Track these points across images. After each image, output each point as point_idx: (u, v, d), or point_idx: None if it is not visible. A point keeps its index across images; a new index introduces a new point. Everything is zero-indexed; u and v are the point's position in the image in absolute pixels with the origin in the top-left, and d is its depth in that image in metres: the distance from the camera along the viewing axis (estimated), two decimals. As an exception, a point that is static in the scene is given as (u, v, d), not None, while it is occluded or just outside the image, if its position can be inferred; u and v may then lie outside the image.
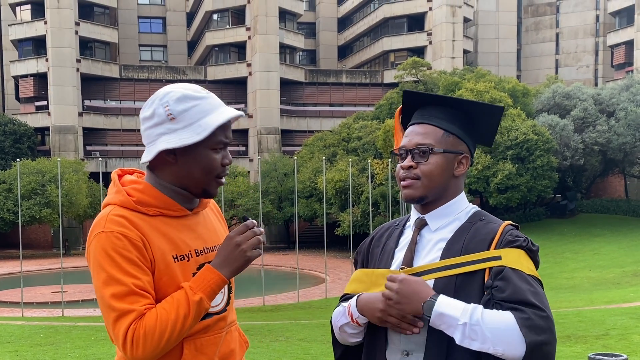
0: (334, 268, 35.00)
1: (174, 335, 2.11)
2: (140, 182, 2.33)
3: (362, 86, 61.49)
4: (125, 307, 2.10)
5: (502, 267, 2.08)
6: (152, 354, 2.11)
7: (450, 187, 2.29)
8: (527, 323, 1.97)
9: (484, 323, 2.00)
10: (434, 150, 2.25)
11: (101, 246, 2.15)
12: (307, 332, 15.35)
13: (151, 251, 2.20)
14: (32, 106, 55.42)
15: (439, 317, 2.06)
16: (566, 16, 66.24)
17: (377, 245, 2.45)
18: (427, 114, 2.33)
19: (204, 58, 62.92)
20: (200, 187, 2.31)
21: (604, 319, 14.77)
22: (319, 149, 47.61)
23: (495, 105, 2.31)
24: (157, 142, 2.25)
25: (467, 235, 2.20)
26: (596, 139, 43.27)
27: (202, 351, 2.29)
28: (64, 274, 24.11)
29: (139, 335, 2.08)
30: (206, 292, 2.17)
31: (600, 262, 32.48)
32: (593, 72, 65.58)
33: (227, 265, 2.21)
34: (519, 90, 46.09)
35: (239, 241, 2.22)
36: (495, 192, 40.15)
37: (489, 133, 2.42)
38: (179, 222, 2.32)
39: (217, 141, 2.26)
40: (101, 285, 2.13)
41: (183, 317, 2.12)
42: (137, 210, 2.23)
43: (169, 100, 2.24)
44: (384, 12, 61.58)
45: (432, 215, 2.29)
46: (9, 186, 43.19)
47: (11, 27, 56.21)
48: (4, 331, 15.97)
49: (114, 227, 2.16)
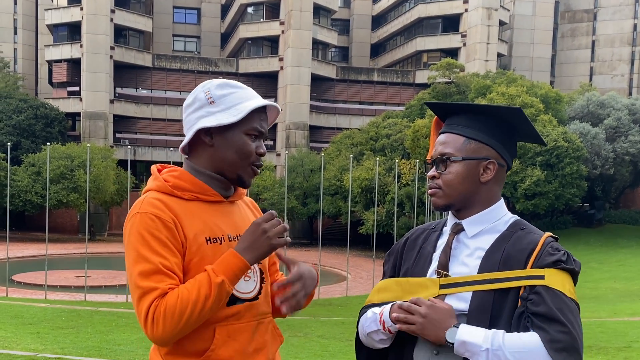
0: (355, 266, 34.96)
1: (194, 316, 2.13)
2: (177, 169, 2.42)
3: (393, 85, 61.31)
4: (150, 285, 2.15)
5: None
6: (172, 333, 2.13)
7: (480, 193, 2.26)
8: (554, 346, 1.95)
9: (506, 347, 1.99)
10: (452, 159, 2.25)
11: (135, 226, 2.22)
12: (326, 329, 15.35)
13: (183, 233, 2.25)
14: (64, 91, 56.03)
15: (462, 345, 2.06)
16: (603, 24, 65.46)
17: (412, 248, 2.43)
18: (451, 122, 2.34)
19: (237, 51, 63.10)
20: (234, 172, 2.37)
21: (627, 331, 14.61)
22: (346, 146, 47.57)
23: (511, 107, 2.27)
24: (196, 124, 2.34)
25: (506, 245, 2.17)
26: (628, 149, 42.78)
27: (234, 337, 2.31)
28: (88, 259, 24.31)
29: (160, 312, 2.12)
30: (228, 276, 2.18)
31: (625, 274, 32.11)
32: (628, 81, 64.76)
33: (252, 251, 2.23)
34: (552, 96, 45.67)
35: (266, 228, 2.24)
36: (522, 198, 39.84)
37: (526, 133, 2.38)
38: (214, 208, 2.38)
39: (252, 127, 2.34)
40: (131, 263, 2.20)
41: (204, 298, 2.13)
42: (173, 194, 2.31)
43: (210, 87, 2.37)
44: (419, 12, 61.31)
45: (469, 221, 2.27)
46: (38, 169, 43.67)
47: (47, 12, 56.84)
48: (26, 313, 16.16)
49: (148, 208, 2.24)
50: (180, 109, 56.51)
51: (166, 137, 56.99)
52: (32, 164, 44.60)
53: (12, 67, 62.60)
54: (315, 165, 46.84)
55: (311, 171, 47.51)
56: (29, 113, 50.12)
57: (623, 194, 51.85)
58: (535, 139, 2.40)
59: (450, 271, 2.22)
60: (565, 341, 1.95)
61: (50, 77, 60.20)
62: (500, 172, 2.29)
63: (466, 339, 2.05)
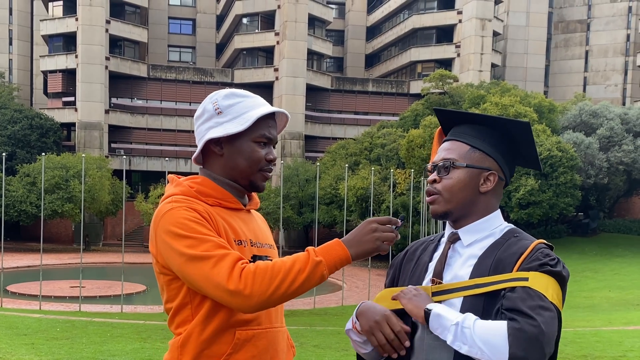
0: (351, 276, 34.93)
1: (285, 285, 2.10)
2: (198, 177, 2.45)
3: (387, 95, 61.43)
4: (224, 251, 2.15)
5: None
6: (259, 299, 2.09)
7: (478, 203, 2.29)
8: (517, 334, 1.96)
9: (475, 327, 2.02)
10: (456, 165, 2.27)
11: (174, 220, 2.21)
12: (321, 338, 15.32)
13: (216, 227, 2.27)
14: (59, 101, 55.96)
15: (437, 318, 2.10)
16: (596, 34, 65.74)
17: (410, 260, 2.46)
18: (457, 131, 2.37)
19: (232, 61, 63.20)
20: (247, 179, 2.43)
21: (622, 340, 14.62)
22: (341, 156, 47.60)
23: (520, 121, 2.29)
24: (206, 135, 2.39)
25: (498, 251, 2.20)
26: (621, 159, 42.91)
27: (253, 343, 2.31)
28: (83, 269, 24.23)
29: (249, 271, 2.10)
30: (328, 261, 2.16)
31: (620, 283, 32.15)
32: (621, 91, 64.99)
33: (356, 246, 2.21)
34: (545, 106, 45.78)
35: (376, 227, 2.22)
36: (516, 207, 39.89)
37: (527, 152, 2.39)
38: (235, 214, 2.42)
39: (259, 134, 2.40)
40: (186, 249, 2.16)
41: (297, 271, 2.11)
42: (197, 199, 2.34)
43: (217, 98, 2.43)
44: (414, 23, 61.46)
45: (465, 230, 2.30)
46: (33, 180, 43.58)
47: (42, 23, 56.84)
48: (21, 323, 16.11)
49: (181, 204, 2.26)
50: (175, 119, 56.46)
51: (161, 147, 56.95)
52: (27, 174, 44.51)
53: (7, 77, 62.53)
54: (310, 175, 46.86)
55: (306, 181, 47.51)
56: (24, 123, 50.06)
57: (617, 203, 51.96)
58: (534, 161, 2.42)
59: (444, 279, 2.25)
60: (530, 333, 1.95)
61: (45, 87, 60.17)
62: (499, 186, 2.32)
63: (441, 312, 2.10)
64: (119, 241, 47.16)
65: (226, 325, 2.26)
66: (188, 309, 2.31)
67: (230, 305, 2.15)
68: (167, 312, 2.39)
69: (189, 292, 2.28)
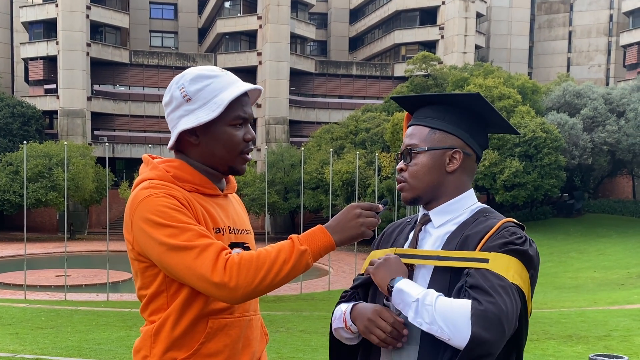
0: (337, 261, 34.99)
1: (270, 276, 2.06)
2: (175, 160, 2.36)
3: (372, 79, 61.35)
4: (207, 241, 2.09)
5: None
6: (245, 291, 2.05)
7: (447, 184, 2.27)
8: (481, 314, 1.93)
9: (437, 305, 2.01)
10: (417, 150, 2.27)
11: (152, 207, 2.14)
12: (308, 323, 15.35)
13: (195, 215, 2.20)
14: (41, 89, 55.51)
15: (399, 293, 2.09)
16: (580, 14, 65.84)
17: (387, 242, 2.46)
18: (417, 115, 2.37)
19: (215, 46, 62.83)
20: (226, 165, 2.35)
21: (607, 320, 14.72)
22: (326, 141, 47.54)
23: (470, 93, 2.26)
24: (178, 125, 2.29)
25: (466, 230, 2.19)
26: (605, 139, 43.11)
27: (226, 332, 2.28)
28: (68, 258, 24.12)
29: (233, 263, 2.05)
30: (312, 249, 2.13)
31: (605, 263, 32.39)
32: (605, 71, 65.21)
33: (340, 232, 2.18)
34: (529, 87, 45.89)
35: (360, 213, 2.19)
36: (501, 189, 40.03)
37: (492, 121, 2.36)
38: (213, 200, 2.35)
39: (234, 116, 2.30)
40: (166, 239, 2.09)
41: (283, 261, 2.07)
42: (174, 184, 2.25)
43: (184, 83, 2.29)
44: (397, 5, 61.31)
45: (435, 211, 2.29)
46: (16, 169, 43.29)
47: (22, 9, 56.26)
48: (5, 313, 16.01)
49: (159, 190, 2.18)
50: (158, 106, 55.86)
51: (145, 134, 56.62)
52: (9, 163, 44.21)
53: (-12, 65, 61.94)
54: (295, 160, 46.79)
55: (292, 166, 47.44)
56: (6, 112, 49.68)
57: (602, 184, 52.27)
58: (506, 128, 2.40)
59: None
60: (490, 311, 1.93)
61: (26, 75, 59.61)
62: (468, 162, 2.29)
63: (403, 288, 2.09)
64: (103, 229, 46.92)
65: (200, 314, 2.21)
66: (163, 297, 2.25)
67: (214, 297, 2.11)
68: (141, 299, 2.33)
69: (165, 280, 2.22)
